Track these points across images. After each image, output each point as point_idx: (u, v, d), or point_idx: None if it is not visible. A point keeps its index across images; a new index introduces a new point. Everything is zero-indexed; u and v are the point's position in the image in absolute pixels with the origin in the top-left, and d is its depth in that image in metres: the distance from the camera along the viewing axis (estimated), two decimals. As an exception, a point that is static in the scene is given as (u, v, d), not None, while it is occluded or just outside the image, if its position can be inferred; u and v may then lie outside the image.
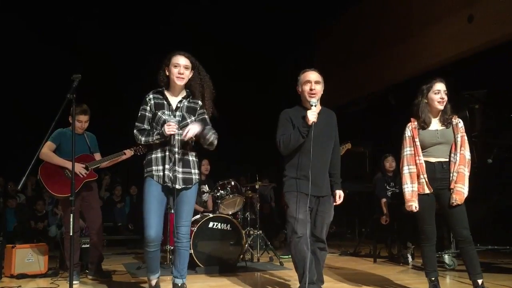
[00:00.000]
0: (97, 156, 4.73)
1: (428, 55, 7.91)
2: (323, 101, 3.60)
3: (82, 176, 4.45)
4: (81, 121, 4.58)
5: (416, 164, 3.63)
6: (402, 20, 8.49)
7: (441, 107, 3.63)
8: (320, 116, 3.39)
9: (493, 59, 6.95)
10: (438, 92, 3.62)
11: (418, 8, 8.12)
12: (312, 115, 3.30)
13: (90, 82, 4.03)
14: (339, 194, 3.56)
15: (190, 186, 3.37)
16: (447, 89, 3.66)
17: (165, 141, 3.28)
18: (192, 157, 3.40)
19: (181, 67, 3.31)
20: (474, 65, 7.24)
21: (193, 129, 3.22)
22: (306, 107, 3.47)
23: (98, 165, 4.63)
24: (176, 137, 3.28)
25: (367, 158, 10.04)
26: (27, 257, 4.92)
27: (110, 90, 9.05)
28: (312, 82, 3.46)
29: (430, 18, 7.80)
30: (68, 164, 4.33)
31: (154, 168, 3.28)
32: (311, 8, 9.37)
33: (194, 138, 3.33)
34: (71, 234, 3.09)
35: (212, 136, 3.29)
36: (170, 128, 3.20)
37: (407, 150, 3.68)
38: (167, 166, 3.26)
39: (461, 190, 3.50)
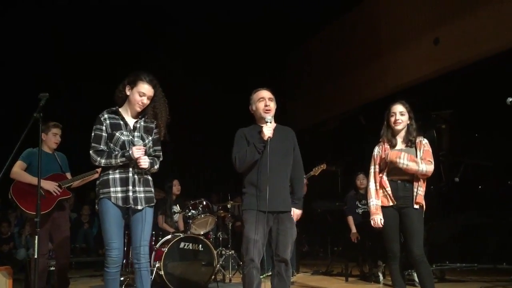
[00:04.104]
0: (68, 176, 4.66)
1: (396, 76, 8.11)
2: (295, 119, 3.65)
3: (55, 194, 4.36)
4: (56, 134, 4.57)
5: (379, 181, 3.72)
6: (371, 42, 8.71)
7: (399, 128, 3.73)
8: (276, 133, 3.42)
9: (458, 81, 7.18)
10: (393, 115, 3.73)
11: (386, 31, 8.35)
12: (267, 130, 3.35)
13: (56, 100, 3.97)
14: (296, 214, 3.55)
15: (153, 204, 3.34)
16: (411, 109, 3.75)
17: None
18: (149, 177, 3.37)
19: (145, 98, 3.27)
20: (440, 86, 7.46)
21: (146, 163, 3.22)
22: (261, 125, 3.52)
23: (71, 183, 4.55)
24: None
25: (339, 177, 10.14)
26: (-10, 281, 4.73)
27: (78, 109, 8.90)
28: (266, 98, 3.53)
29: (398, 41, 8.03)
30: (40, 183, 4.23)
31: (112, 189, 3.17)
32: (282, 30, 9.51)
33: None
34: (35, 256, 3.00)
35: (155, 167, 3.37)
36: (140, 151, 3.14)
37: (374, 168, 3.78)
38: (130, 188, 3.20)
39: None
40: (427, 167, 3.59)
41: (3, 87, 8.19)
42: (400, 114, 3.72)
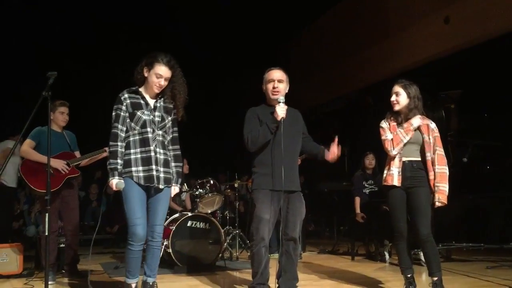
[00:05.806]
0: (77, 154, 4.70)
1: (405, 56, 8.02)
2: (301, 100, 3.63)
3: (64, 173, 4.40)
4: (63, 113, 4.60)
5: (388, 161, 3.69)
6: (379, 21, 8.58)
7: (396, 108, 3.69)
8: (288, 114, 3.42)
9: (468, 60, 7.08)
10: (392, 95, 3.70)
11: (395, 10, 8.22)
12: (281, 111, 3.35)
13: (66, 79, 3.96)
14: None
15: (171, 185, 3.38)
16: (411, 86, 3.67)
17: (145, 142, 3.24)
18: (168, 157, 3.39)
19: (162, 79, 3.26)
20: (450, 65, 7.37)
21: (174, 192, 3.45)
22: (271, 105, 3.53)
23: (79, 162, 4.58)
24: (157, 138, 3.28)
25: (346, 157, 10.13)
26: (1, 257, 4.81)
27: (87, 87, 8.92)
28: (275, 80, 3.52)
29: (407, 20, 7.91)
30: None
31: (133, 169, 3.21)
32: (290, 8, 9.42)
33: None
34: (46, 233, 3.04)
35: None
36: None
37: (388, 136, 3.68)
38: (153, 167, 3.24)
39: (443, 189, 3.56)
40: (445, 168, 3.58)
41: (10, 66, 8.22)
42: (395, 95, 3.68)
